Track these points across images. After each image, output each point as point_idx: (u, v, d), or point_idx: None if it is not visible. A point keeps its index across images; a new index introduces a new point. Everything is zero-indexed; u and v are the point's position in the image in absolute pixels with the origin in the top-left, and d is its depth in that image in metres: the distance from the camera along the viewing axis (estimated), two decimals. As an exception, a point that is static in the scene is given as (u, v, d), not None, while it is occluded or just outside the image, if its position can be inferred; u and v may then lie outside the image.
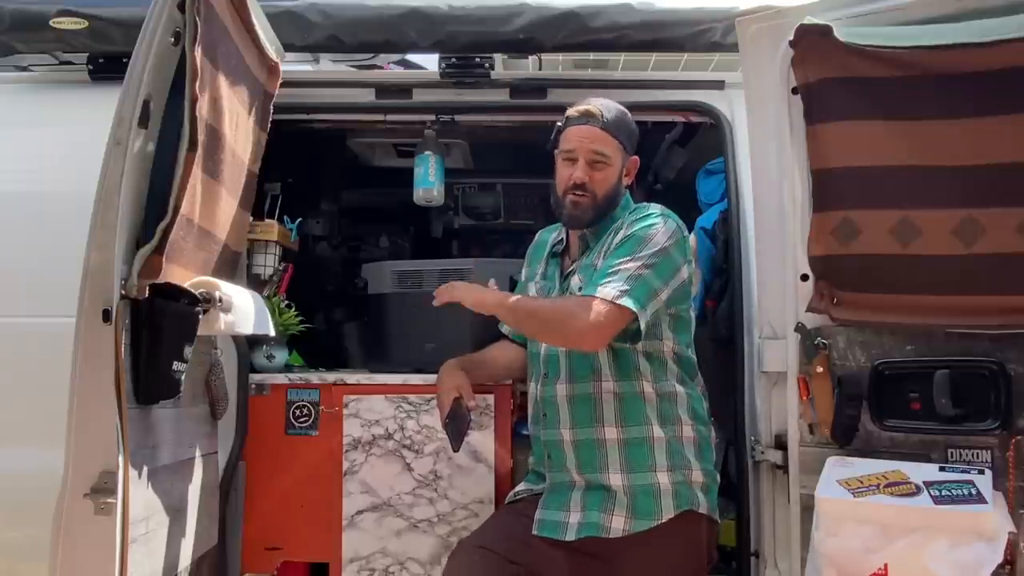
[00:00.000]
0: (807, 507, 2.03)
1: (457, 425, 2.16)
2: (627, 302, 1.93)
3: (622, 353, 2.06)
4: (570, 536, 2.03)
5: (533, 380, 2.21)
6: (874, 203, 1.98)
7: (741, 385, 2.34)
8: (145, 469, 1.83)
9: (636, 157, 2.20)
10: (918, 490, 1.84)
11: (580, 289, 2.08)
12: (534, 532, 2.07)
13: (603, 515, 2.02)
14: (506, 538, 2.09)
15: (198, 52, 1.77)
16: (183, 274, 1.87)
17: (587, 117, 2.09)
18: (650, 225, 2.05)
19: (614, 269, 1.98)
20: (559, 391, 2.12)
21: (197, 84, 1.77)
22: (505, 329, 2.37)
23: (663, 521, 2.00)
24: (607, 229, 2.15)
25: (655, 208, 2.12)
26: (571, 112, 2.13)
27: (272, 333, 2.35)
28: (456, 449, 2.20)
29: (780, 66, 2.11)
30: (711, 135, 2.66)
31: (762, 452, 2.26)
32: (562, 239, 2.28)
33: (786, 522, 2.20)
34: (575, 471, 2.10)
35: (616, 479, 2.04)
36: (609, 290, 1.94)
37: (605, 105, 2.12)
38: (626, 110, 2.17)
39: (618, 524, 2.01)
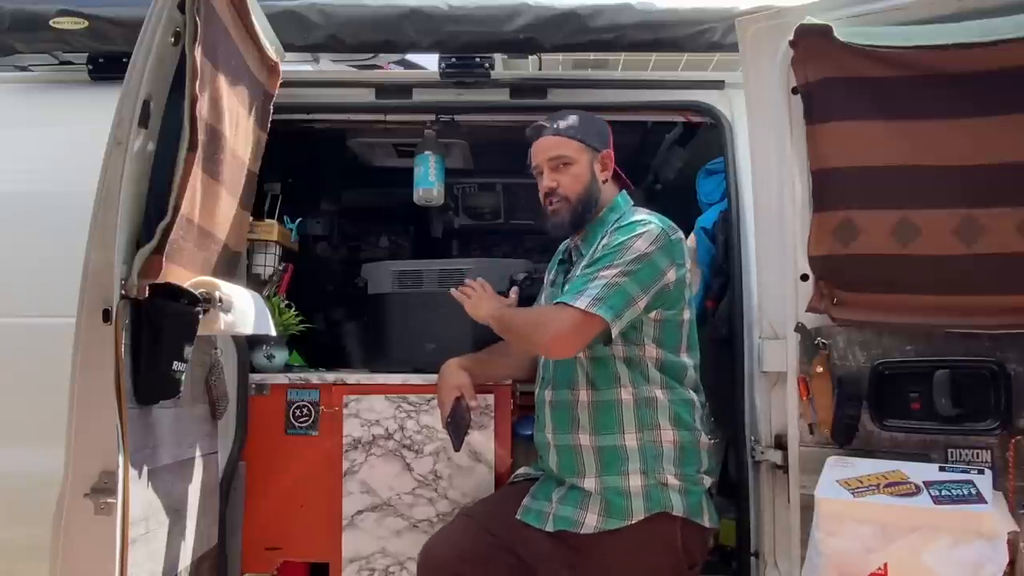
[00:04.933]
0: (807, 507, 2.03)
1: (458, 425, 2.19)
2: (599, 310, 1.96)
3: (601, 362, 2.09)
4: (549, 527, 2.07)
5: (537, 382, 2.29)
6: (874, 203, 1.98)
7: (741, 385, 2.33)
8: (145, 469, 1.83)
9: (609, 151, 2.22)
10: (918, 490, 1.84)
11: None
12: (517, 516, 2.12)
13: (577, 511, 2.06)
14: (492, 511, 2.19)
15: (198, 52, 1.77)
16: (183, 274, 1.86)
17: (537, 130, 2.21)
18: (632, 234, 2.06)
19: (591, 278, 2.02)
20: (546, 396, 2.19)
21: (197, 84, 1.77)
22: None
23: (634, 522, 2.02)
24: (596, 235, 2.17)
25: (642, 215, 2.14)
26: (527, 132, 2.23)
27: (272, 333, 2.35)
28: (457, 449, 2.24)
29: (780, 66, 2.10)
30: (711, 135, 2.66)
31: (762, 452, 2.26)
32: (569, 246, 2.30)
33: (786, 522, 2.19)
34: (556, 471, 2.15)
35: (591, 483, 2.08)
36: (581, 299, 1.98)
37: (559, 115, 2.21)
38: (589, 113, 2.23)
39: (591, 521, 2.04)
